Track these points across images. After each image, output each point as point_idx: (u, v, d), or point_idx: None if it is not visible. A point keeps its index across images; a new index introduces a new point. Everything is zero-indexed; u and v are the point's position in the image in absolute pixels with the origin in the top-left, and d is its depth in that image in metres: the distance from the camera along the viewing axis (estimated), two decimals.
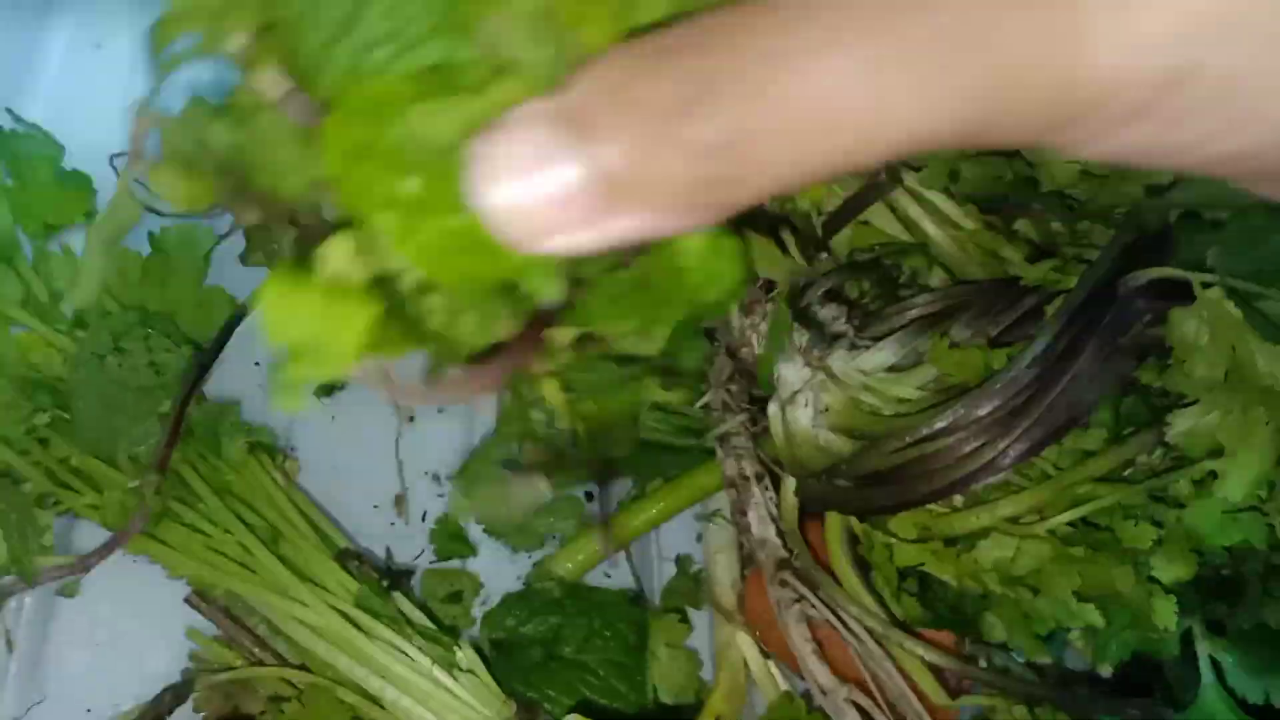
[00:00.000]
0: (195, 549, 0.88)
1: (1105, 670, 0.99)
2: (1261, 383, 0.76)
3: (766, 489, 1.05)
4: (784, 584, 0.99)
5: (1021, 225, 0.99)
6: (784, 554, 1.00)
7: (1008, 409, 0.79)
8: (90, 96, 1.32)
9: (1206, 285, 0.76)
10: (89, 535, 0.95)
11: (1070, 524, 0.85)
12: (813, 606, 0.97)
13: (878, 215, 1.01)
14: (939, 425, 0.80)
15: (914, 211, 0.99)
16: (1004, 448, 0.79)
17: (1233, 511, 0.84)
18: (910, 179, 0.98)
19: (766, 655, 1.09)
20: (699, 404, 1.09)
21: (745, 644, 1.10)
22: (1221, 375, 0.77)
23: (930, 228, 1.00)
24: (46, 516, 0.89)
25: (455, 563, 1.04)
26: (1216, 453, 0.80)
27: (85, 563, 0.84)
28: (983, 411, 0.80)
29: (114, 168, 1.14)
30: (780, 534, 1.01)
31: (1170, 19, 0.27)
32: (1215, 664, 0.88)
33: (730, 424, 1.06)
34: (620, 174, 0.29)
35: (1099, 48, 0.27)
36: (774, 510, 1.03)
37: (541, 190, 0.29)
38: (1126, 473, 0.85)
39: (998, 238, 0.98)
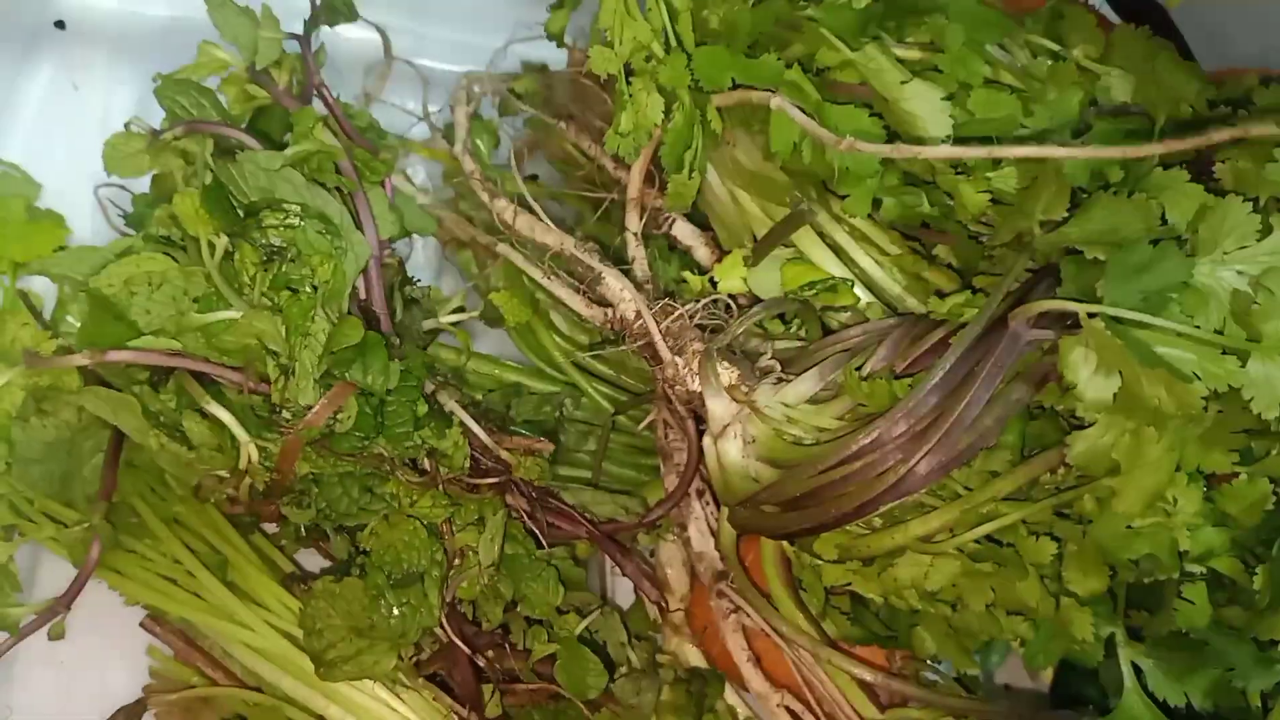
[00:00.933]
0: (148, 578, 0.94)
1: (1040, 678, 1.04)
2: (1149, 404, 0.80)
3: (707, 504, 1.11)
4: (721, 595, 1.05)
5: (941, 250, 1.05)
6: (721, 567, 1.05)
7: (911, 434, 0.84)
8: (67, 136, 1.39)
9: (1092, 315, 0.80)
10: (53, 568, 1.01)
11: (977, 541, 0.90)
12: (749, 617, 1.03)
13: (809, 244, 1.06)
14: (851, 450, 0.85)
15: (841, 238, 1.05)
16: (911, 467, 0.84)
17: (1135, 527, 0.88)
18: (836, 206, 1.04)
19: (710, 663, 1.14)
20: (642, 426, 1.15)
21: (691, 654, 1.14)
22: (1110, 397, 0.81)
23: (857, 254, 1.06)
24: (10, 548, 0.95)
25: None
26: (1116, 471, 0.84)
27: (63, 602, 0.90)
28: (890, 437, 0.85)
29: (98, 198, 1.21)
30: (719, 547, 1.07)
31: None
32: (1136, 669, 0.92)
33: (671, 443, 1.12)
34: None
35: None
36: (714, 524, 1.09)
37: None
38: (1031, 492, 0.90)
39: (920, 261, 1.04)
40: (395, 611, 0.87)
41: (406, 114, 1.41)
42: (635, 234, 1.14)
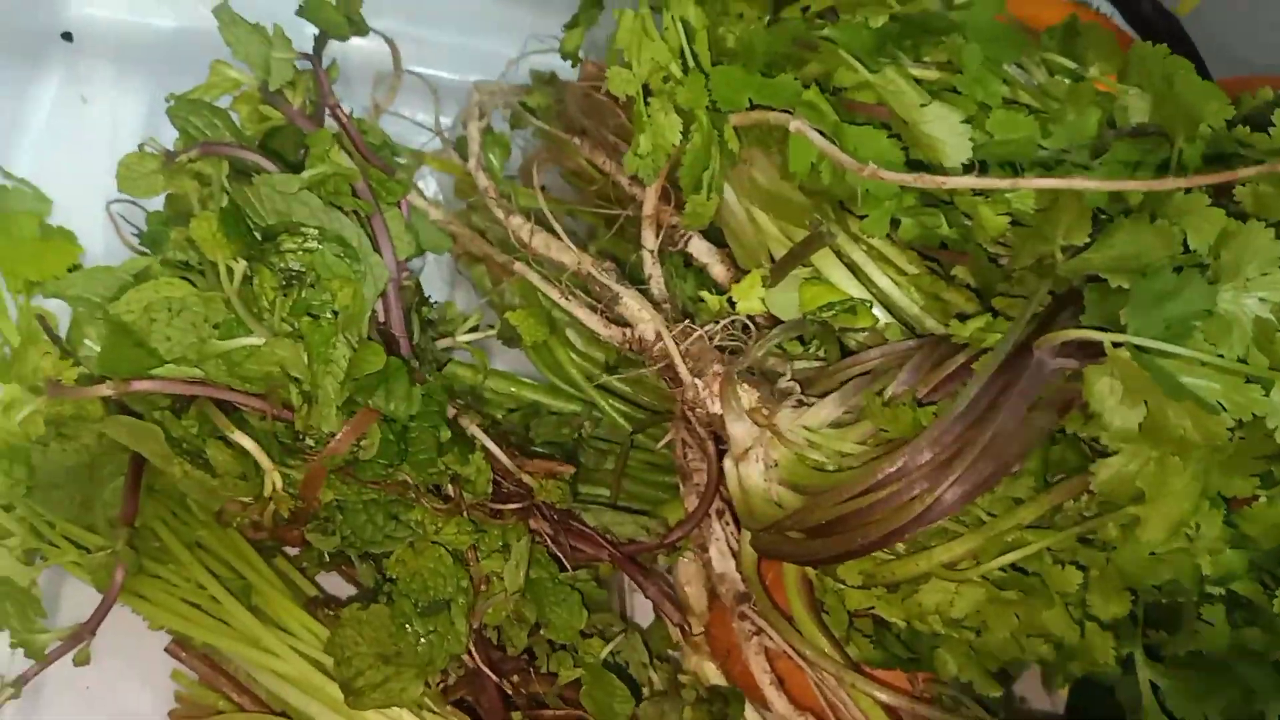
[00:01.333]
0: (171, 603, 0.94)
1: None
2: (1174, 434, 0.81)
3: (728, 524, 1.12)
4: (743, 617, 1.06)
5: (959, 271, 1.05)
6: (743, 589, 1.06)
7: (936, 462, 0.84)
8: (76, 150, 1.39)
9: (1117, 344, 0.81)
10: (76, 592, 1.01)
11: (1002, 569, 0.91)
12: (771, 639, 1.04)
13: (827, 264, 1.06)
14: (876, 478, 0.86)
15: (859, 257, 1.06)
16: (938, 497, 0.84)
17: (1158, 553, 0.89)
18: (854, 225, 1.04)
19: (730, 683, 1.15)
20: (661, 445, 1.15)
21: (710, 672, 1.15)
22: (1135, 427, 0.82)
23: (875, 274, 1.06)
24: (34, 572, 0.95)
25: None
26: (1140, 499, 0.85)
27: (88, 628, 0.91)
28: (916, 464, 0.86)
29: (110, 215, 1.21)
30: (740, 569, 1.07)
31: None
32: (1155, 689, 0.93)
33: (691, 462, 1.12)
34: None
35: None
36: (735, 544, 1.10)
37: None
38: (1055, 518, 0.91)
39: (938, 281, 1.05)
40: (422, 639, 0.87)
41: (417, 126, 1.42)
42: (652, 252, 1.14)
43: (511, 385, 1.19)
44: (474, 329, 1.18)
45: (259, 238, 0.97)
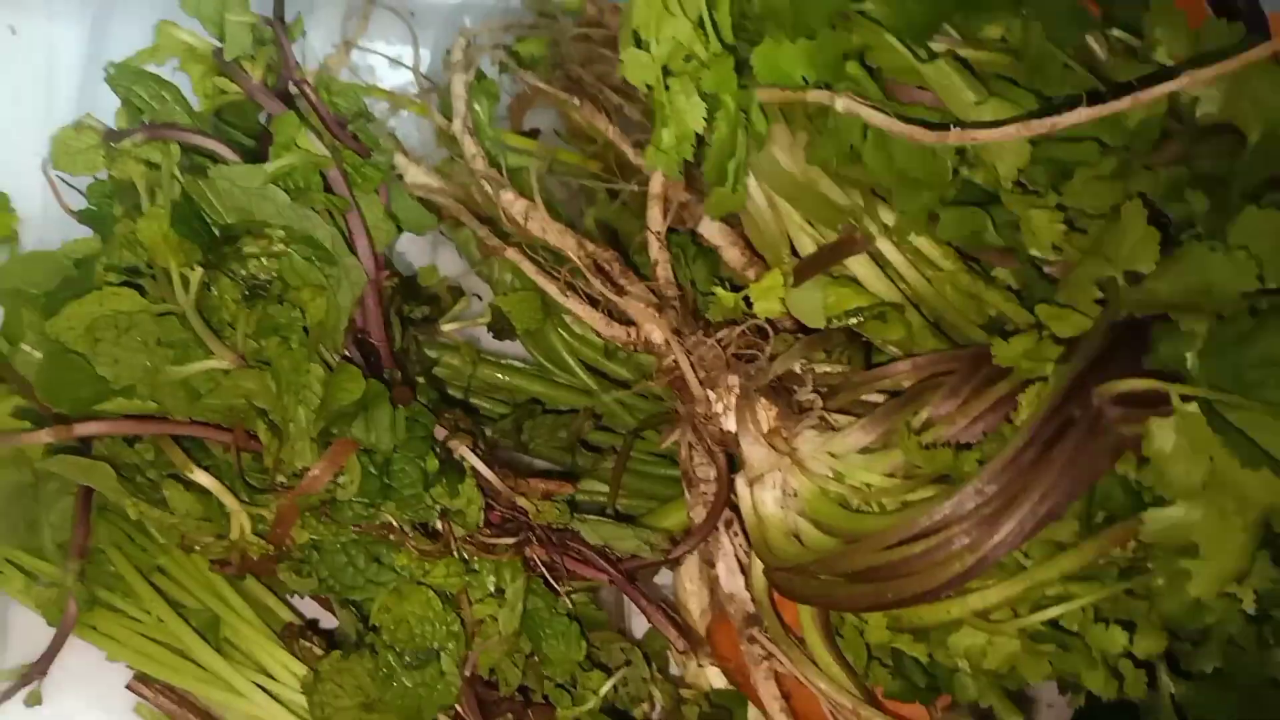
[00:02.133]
0: (130, 637, 0.87)
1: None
2: (1240, 493, 0.76)
3: (736, 535, 1.05)
4: (753, 641, 1.01)
5: (1001, 273, 0.97)
6: (753, 610, 1.01)
7: (981, 516, 0.78)
8: (4, 90, 1.25)
9: (1185, 398, 0.75)
10: (25, 620, 0.94)
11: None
12: (783, 665, 0.99)
13: (855, 260, 0.98)
14: (914, 530, 0.80)
15: (889, 250, 0.97)
16: (983, 554, 0.78)
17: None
18: (885, 214, 0.95)
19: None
20: (664, 444, 1.08)
21: (714, 675, 1.11)
22: (1198, 484, 0.77)
23: (906, 269, 0.98)
24: None
25: None
26: (1193, 551, 0.80)
27: (38, 669, 0.84)
28: (959, 514, 0.79)
29: (47, 176, 1.07)
30: (750, 588, 1.01)
31: None
32: (1178, 707, 0.91)
33: (698, 467, 1.05)
34: None
35: None
36: (744, 559, 1.04)
37: None
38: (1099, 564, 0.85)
39: (977, 281, 0.97)
40: (410, 691, 0.81)
41: (393, 64, 1.29)
42: (659, 234, 1.04)
43: (505, 374, 1.10)
44: (458, 318, 1.08)
45: (217, 235, 0.86)
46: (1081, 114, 0.78)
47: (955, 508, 0.79)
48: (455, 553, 0.84)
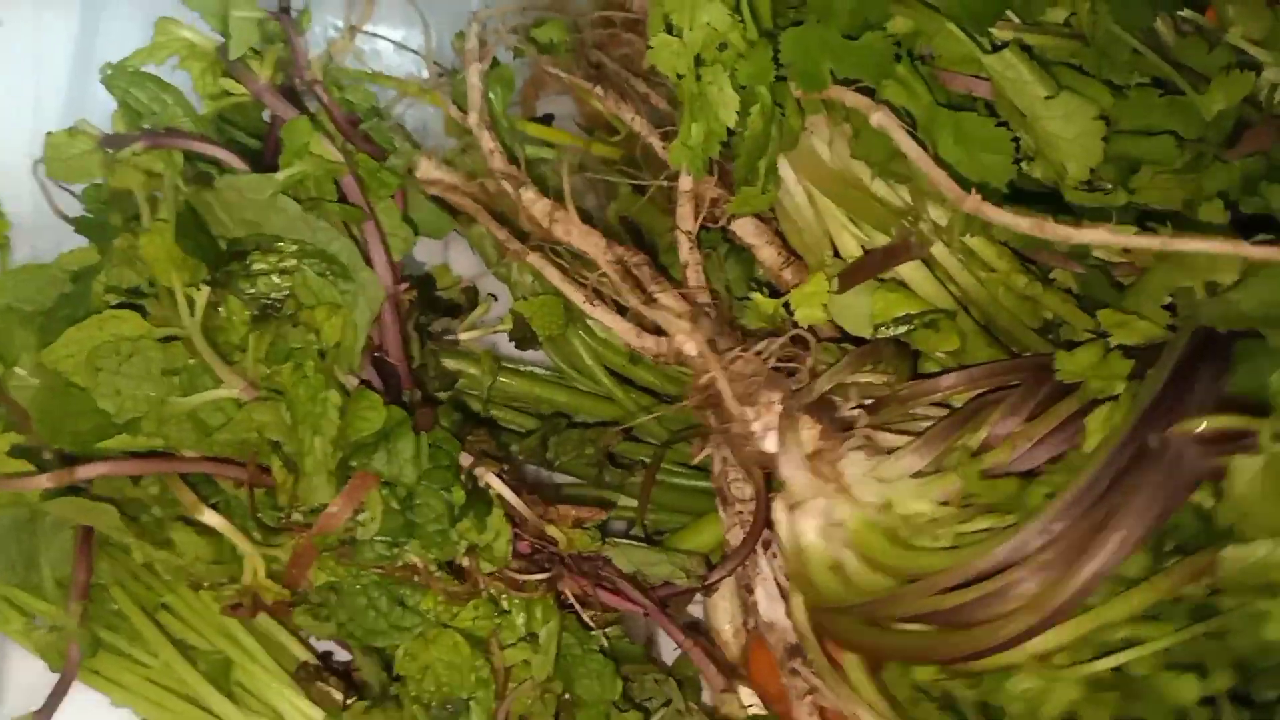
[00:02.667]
0: (137, 684, 0.83)
1: None
2: None
3: (775, 558, 1.00)
4: (795, 674, 0.96)
5: (1061, 274, 0.92)
6: (794, 640, 0.96)
7: (1045, 561, 0.73)
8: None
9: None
10: (22, 665, 0.90)
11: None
12: (827, 701, 0.95)
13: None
14: (972, 573, 0.74)
15: (939, 250, 0.92)
16: (1055, 608, 0.73)
17: None
18: (934, 211, 0.90)
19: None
20: (696, 459, 1.03)
21: (747, 696, 1.07)
22: None
23: (958, 271, 0.92)
24: None
25: None
26: (1269, 588, 0.76)
27: (40, 717, 0.80)
28: (1024, 554, 0.74)
29: (37, 178, 1.01)
30: (791, 616, 0.97)
31: None
32: None
33: (733, 484, 1.00)
34: None
35: None
36: (784, 584, 0.99)
37: None
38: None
39: (1033, 283, 0.91)
40: None
41: (399, 47, 1.22)
42: (689, 234, 0.99)
43: (527, 384, 1.05)
44: (476, 325, 1.03)
45: (224, 250, 0.81)
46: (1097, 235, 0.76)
47: (1018, 548, 0.74)
48: (484, 592, 0.79)
